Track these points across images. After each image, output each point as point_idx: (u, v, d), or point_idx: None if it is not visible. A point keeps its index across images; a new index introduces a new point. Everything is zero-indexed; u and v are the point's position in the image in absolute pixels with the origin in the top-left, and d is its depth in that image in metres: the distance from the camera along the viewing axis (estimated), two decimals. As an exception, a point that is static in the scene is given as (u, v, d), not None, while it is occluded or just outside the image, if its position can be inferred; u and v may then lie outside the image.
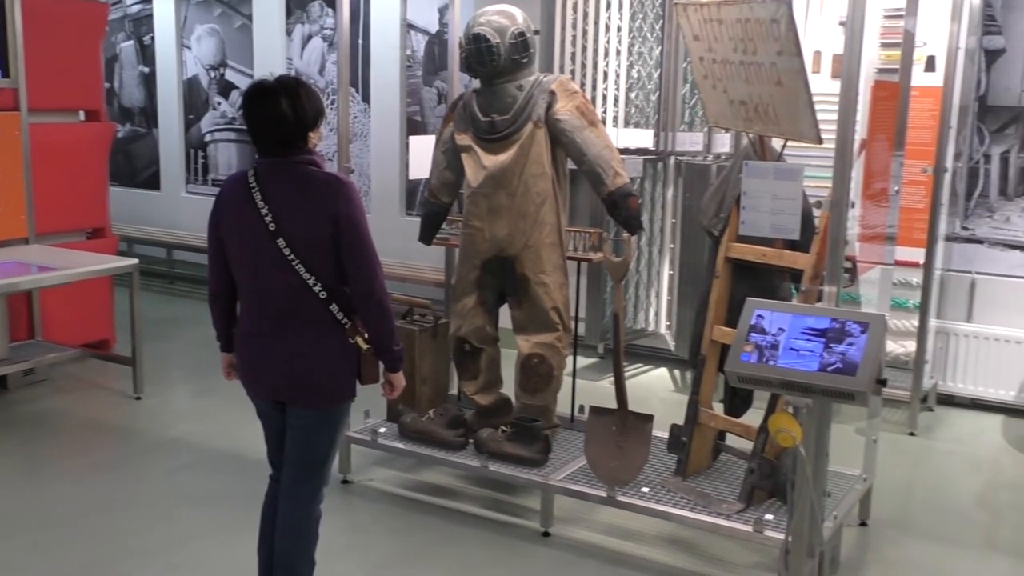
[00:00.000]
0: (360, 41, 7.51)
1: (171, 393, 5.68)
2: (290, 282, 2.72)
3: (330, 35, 7.94)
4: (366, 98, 7.65)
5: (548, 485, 3.81)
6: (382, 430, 4.28)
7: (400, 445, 4.18)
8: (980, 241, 5.45)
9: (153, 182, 9.22)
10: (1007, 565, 3.71)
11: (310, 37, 8.03)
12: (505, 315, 4.17)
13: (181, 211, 8.89)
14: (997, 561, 3.74)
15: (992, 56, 5.34)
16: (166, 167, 9.10)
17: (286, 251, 2.70)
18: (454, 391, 4.61)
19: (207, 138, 8.85)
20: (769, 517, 3.40)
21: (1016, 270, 5.33)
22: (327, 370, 2.80)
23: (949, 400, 5.47)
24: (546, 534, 3.82)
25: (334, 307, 2.75)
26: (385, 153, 7.57)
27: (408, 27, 7.40)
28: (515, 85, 3.95)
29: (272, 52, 8.16)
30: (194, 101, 8.88)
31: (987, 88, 5.37)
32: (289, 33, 8.12)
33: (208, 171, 8.88)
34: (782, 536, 3.19)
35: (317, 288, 2.72)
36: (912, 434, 5.03)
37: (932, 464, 4.73)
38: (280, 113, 2.70)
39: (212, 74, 8.71)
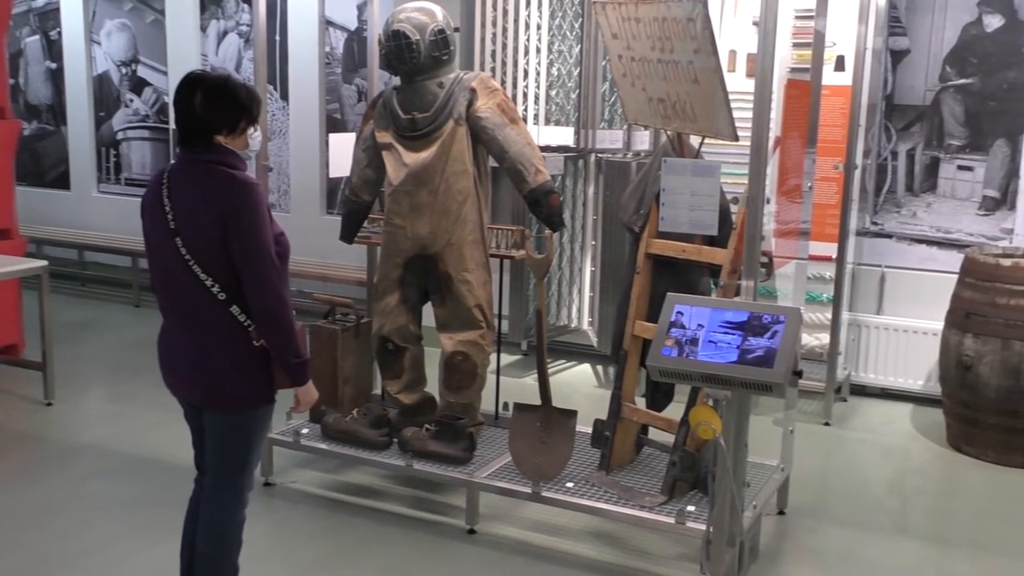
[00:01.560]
0: (277, 38, 7.39)
1: (83, 398, 5.51)
2: (189, 282, 2.66)
3: (246, 31, 7.79)
4: (284, 96, 7.53)
5: (473, 482, 3.81)
6: (304, 431, 4.22)
7: (323, 446, 4.13)
8: (889, 236, 5.63)
9: (62, 181, 8.93)
10: (916, 548, 3.84)
11: (226, 33, 7.87)
12: (428, 313, 4.15)
13: (92, 211, 8.64)
14: (907, 545, 3.87)
15: (898, 56, 5.52)
16: (76, 166, 8.83)
17: (183, 250, 2.64)
18: (377, 391, 4.58)
19: (119, 136, 8.60)
20: (691, 509, 3.46)
21: (923, 263, 5.52)
22: (235, 373, 2.72)
23: (861, 390, 5.64)
24: (472, 531, 3.82)
25: (235, 309, 2.67)
26: (304, 151, 7.47)
27: (327, 24, 7.31)
28: (436, 82, 3.93)
29: (186, 48, 7.97)
30: (105, 98, 8.62)
31: (893, 87, 5.55)
32: (204, 29, 7.95)
33: (121, 170, 8.64)
34: (704, 527, 3.25)
35: (215, 290, 2.65)
36: (827, 424, 5.17)
37: (846, 452, 4.87)
38: (190, 106, 2.66)
39: (124, 70, 8.47)
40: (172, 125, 8.08)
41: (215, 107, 2.67)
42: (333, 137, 4.82)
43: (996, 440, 4.64)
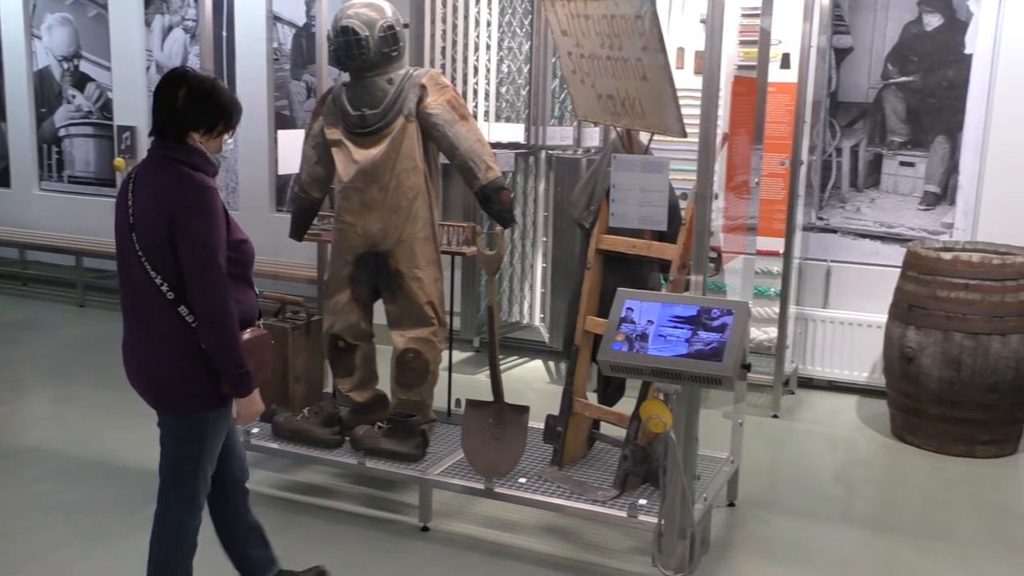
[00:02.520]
0: (224, 33, 7.30)
1: (26, 400, 5.39)
2: (142, 279, 2.63)
3: (192, 26, 7.68)
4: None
5: (426, 479, 3.81)
6: (255, 430, 4.17)
7: (274, 445, 4.10)
8: (834, 230, 5.73)
9: (2, 179, 8.73)
10: (862, 535, 3.91)
11: (171, 28, 7.75)
12: (380, 311, 4.13)
13: (34, 209, 8.46)
14: (853, 532, 3.94)
15: (841, 54, 5.62)
16: (16, 163, 8.63)
17: (137, 246, 2.62)
18: (329, 389, 4.55)
19: (61, 133, 8.43)
20: (643, 502, 3.49)
21: (867, 257, 5.63)
22: (181, 374, 2.68)
23: (809, 383, 5.73)
24: (425, 528, 3.82)
25: (182, 310, 2.63)
26: (253, 148, 7.39)
27: (274, 19, 7.24)
28: (385, 79, 3.92)
29: (130, 44, 7.84)
30: (46, 94, 8.44)
31: (838, 85, 5.65)
32: (148, 24, 7.82)
33: (63, 167, 8.47)
34: (655, 520, 3.28)
35: (164, 288, 2.62)
36: (776, 416, 5.25)
37: (794, 444, 4.95)
38: (172, 99, 2.64)
39: (65, 66, 8.30)
40: (118, 122, 7.95)
41: (196, 104, 2.65)
42: (282, 134, 4.77)
43: (938, 430, 4.76)
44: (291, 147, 4.45)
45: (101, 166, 8.29)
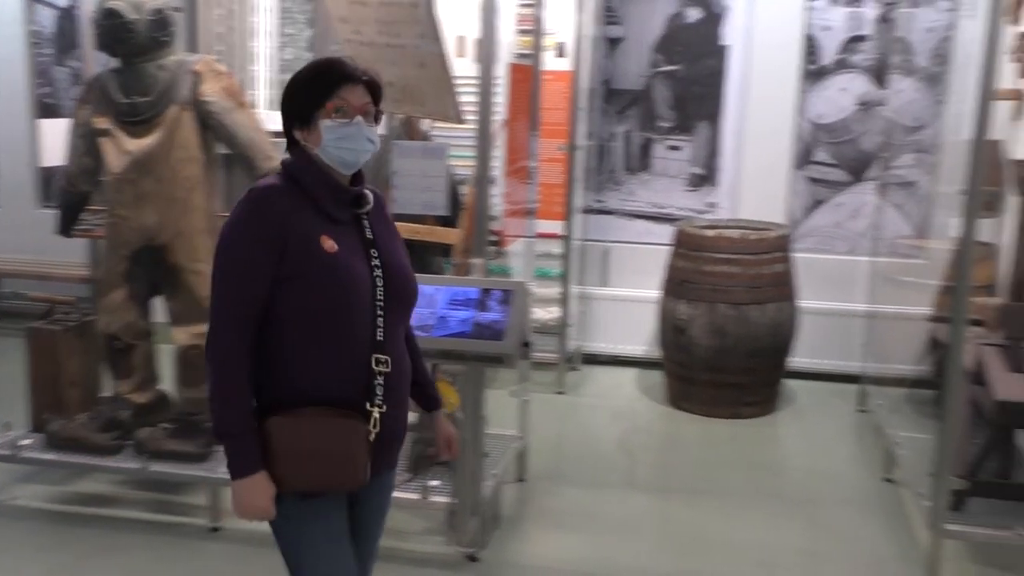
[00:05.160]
0: (-27, 14, 6.73)
1: None
2: None
3: (-66, 6, 7.03)
4: (-15, 78, 6.88)
5: (214, 479, 3.71)
6: (26, 442, 3.92)
7: (48, 456, 3.86)
8: (611, 212, 6.02)
9: None
10: (644, 499, 4.17)
11: (-91, 8, 7.05)
12: (159, 308, 3.98)
13: None
14: (636, 497, 4.19)
15: (613, 44, 5.90)
16: None
17: None
18: (108, 392, 4.33)
19: None
20: (435, 483, 3.56)
21: (641, 237, 5.96)
22: None
23: (592, 359, 6.01)
24: (216, 529, 3.73)
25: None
26: (11, 140, 6.85)
27: (33, 0, 6.74)
28: (156, 65, 3.76)
29: None
30: None
31: (610, 73, 5.93)
32: None
33: None
34: (447, 499, 3.36)
35: None
36: (561, 393, 5.48)
37: (579, 418, 5.18)
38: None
39: None
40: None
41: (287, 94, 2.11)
42: (45, 123, 4.49)
43: (707, 395, 5.12)
44: (56, 137, 4.19)
45: None
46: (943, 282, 4.22)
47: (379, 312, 2.01)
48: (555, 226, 5.55)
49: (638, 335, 5.86)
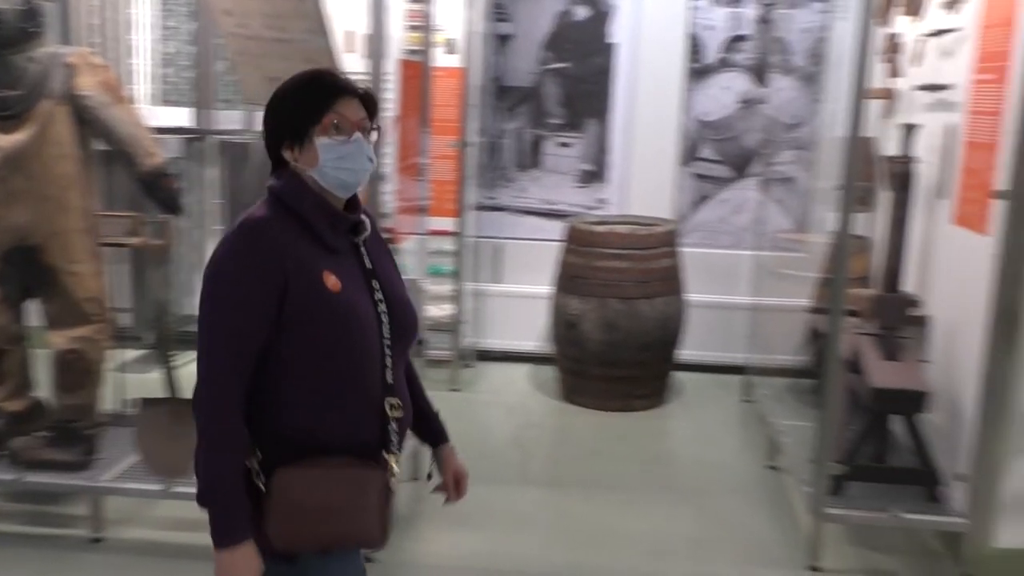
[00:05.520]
0: None
1: None
2: None
3: None
4: None
5: (95, 487, 3.57)
6: None
7: (-89, 470, 3.65)
8: (503, 209, 6.05)
9: None
10: (538, 492, 4.21)
11: None
12: (33, 312, 3.80)
13: None
14: (532, 492, 4.23)
15: (503, 41, 5.92)
16: None
17: None
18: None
19: None
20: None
21: (533, 233, 6.01)
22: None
23: (486, 355, 6.02)
24: (97, 540, 3.59)
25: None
26: None
27: None
28: (25, 57, 3.58)
29: None
30: None
31: (501, 70, 5.95)
32: None
33: None
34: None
35: None
36: (455, 390, 5.48)
37: (474, 415, 5.19)
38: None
39: None
40: None
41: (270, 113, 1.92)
42: (-99, 117, 4.22)
43: (599, 389, 5.20)
44: (-85, 132, 3.94)
45: None
46: (821, 274, 4.39)
47: (387, 352, 1.87)
48: (447, 223, 5.54)
49: (531, 331, 5.90)
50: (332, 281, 1.81)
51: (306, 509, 1.78)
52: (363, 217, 1.95)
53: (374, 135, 1.91)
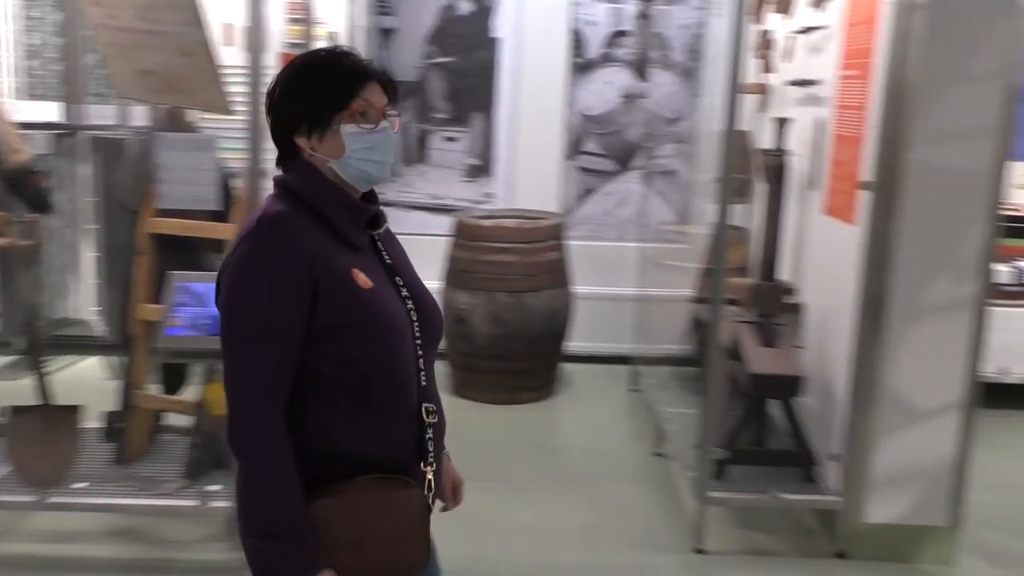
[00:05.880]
0: None
1: None
2: None
3: None
4: None
5: (-35, 500, 3.40)
6: None
7: None
8: (390, 204, 6.00)
9: None
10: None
11: None
12: None
13: None
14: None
15: (387, 35, 5.88)
16: None
17: None
18: None
19: None
20: (214, 488, 3.43)
21: (421, 228, 5.98)
22: None
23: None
24: (-30, 555, 3.43)
25: None
26: None
27: None
28: None
29: None
30: None
31: (385, 64, 5.89)
32: None
33: None
34: (227, 504, 3.24)
35: None
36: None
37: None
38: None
39: None
40: None
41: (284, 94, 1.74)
42: None
43: (489, 382, 5.22)
44: None
45: None
46: (702, 265, 4.51)
47: (419, 352, 1.73)
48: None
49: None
50: (362, 279, 1.67)
51: (357, 540, 1.64)
52: (382, 208, 1.82)
53: (397, 124, 1.76)
